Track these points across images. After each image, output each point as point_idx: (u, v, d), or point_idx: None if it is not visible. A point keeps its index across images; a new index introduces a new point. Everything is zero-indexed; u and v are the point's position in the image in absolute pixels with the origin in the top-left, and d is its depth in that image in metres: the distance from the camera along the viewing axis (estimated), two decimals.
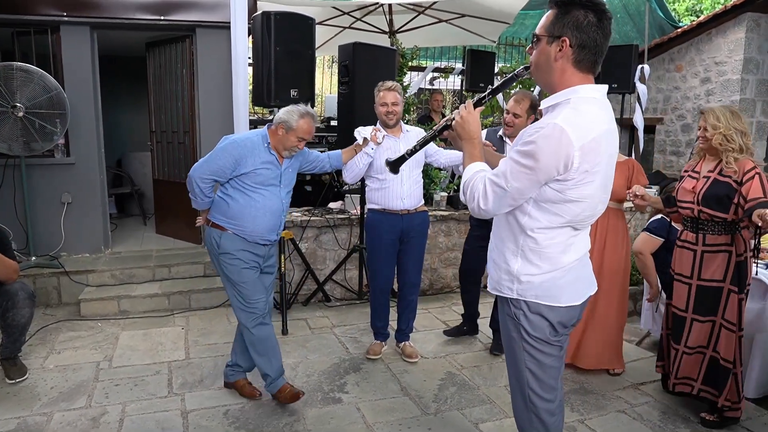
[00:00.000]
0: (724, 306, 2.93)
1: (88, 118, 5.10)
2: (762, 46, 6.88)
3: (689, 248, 3.01)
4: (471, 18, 6.99)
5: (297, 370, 3.59)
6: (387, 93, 3.51)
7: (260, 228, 3.00)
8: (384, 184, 3.54)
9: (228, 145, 2.97)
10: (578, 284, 1.84)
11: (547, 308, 1.79)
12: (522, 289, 1.80)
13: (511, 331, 1.89)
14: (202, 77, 5.30)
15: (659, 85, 7.88)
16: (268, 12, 4.06)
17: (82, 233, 5.19)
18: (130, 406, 3.09)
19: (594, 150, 1.64)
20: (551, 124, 1.61)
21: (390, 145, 3.53)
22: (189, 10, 5.20)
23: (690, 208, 2.96)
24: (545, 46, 1.70)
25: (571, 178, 1.64)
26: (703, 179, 2.93)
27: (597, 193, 1.74)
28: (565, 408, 3.13)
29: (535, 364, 1.86)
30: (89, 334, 4.10)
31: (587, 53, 1.66)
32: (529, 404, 1.89)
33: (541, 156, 1.61)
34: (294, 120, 2.99)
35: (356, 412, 3.08)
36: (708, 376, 3.02)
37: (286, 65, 4.11)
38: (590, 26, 1.63)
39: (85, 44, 5.01)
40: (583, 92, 1.68)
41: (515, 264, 1.80)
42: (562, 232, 1.76)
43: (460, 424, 3.00)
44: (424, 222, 3.71)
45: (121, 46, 6.58)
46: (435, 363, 3.75)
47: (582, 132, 1.61)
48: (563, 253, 1.78)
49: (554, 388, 1.89)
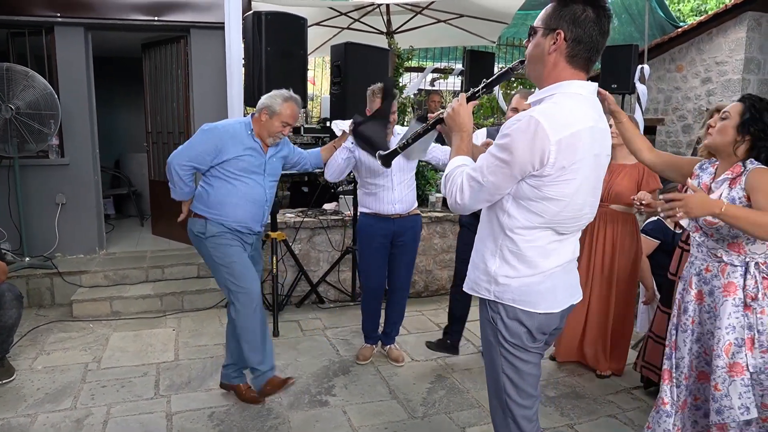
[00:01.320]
0: None
1: (82, 118, 5.10)
2: (763, 45, 6.81)
3: None
4: (469, 18, 6.95)
5: (286, 372, 3.55)
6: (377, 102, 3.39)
7: (242, 216, 2.97)
8: (375, 189, 3.47)
9: (208, 131, 2.93)
10: (558, 292, 1.78)
11: (525, 314, 1.74)
12: (499, 291, 1.75)
13: (489, 336, 1.84)
14: (197, 78, 5.29)
15: (660, 86, 7.82)
16: (259, 12, 4.03)
17: (77, 234, 5.18)
18: (115, 408, 3.07)
19: (572, 146, 1.58)
20: (527, 117, 1.58)
21: None
22: (183, 11, 5.19)
23: None
24: (540, 39, 1.67)
25: (548, 174, 1.59)
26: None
27: (579, 195, 1.67)
28: (554, 412, 3.11)
29: (513, 370, 1.81)
30: (80, 335, 4.09)
31: (582, 49, 1.63)
32: (507, 410, 1.85)
33: (515, 149, 1.58)
34: (277, 104, 2.96)
35: (342, 416, 3.05)
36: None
37: (278, 65, 4.08)
38: (587, 21, 1.60)
39: (79, 45, 5.01)
40: (569, 88, 1.65)
41: (493, 264, 1.76)
42: (542, 235, 1.70)
43: (447, 428, 2.96)
44: (416, 225, 3.65)
45: (118, 47, 6.59)
46: (425, 366, 3.71)
47: (559, 126, 1.56)
48: (543, 258, 1.72)
49: (532, 395, 1.85)
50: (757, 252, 2.19)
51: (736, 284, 2.19)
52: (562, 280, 1.79)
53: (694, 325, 2.36)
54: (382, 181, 3.46)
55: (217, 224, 2.94)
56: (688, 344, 2.38)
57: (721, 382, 2.18)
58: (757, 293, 2.15)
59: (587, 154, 1.64)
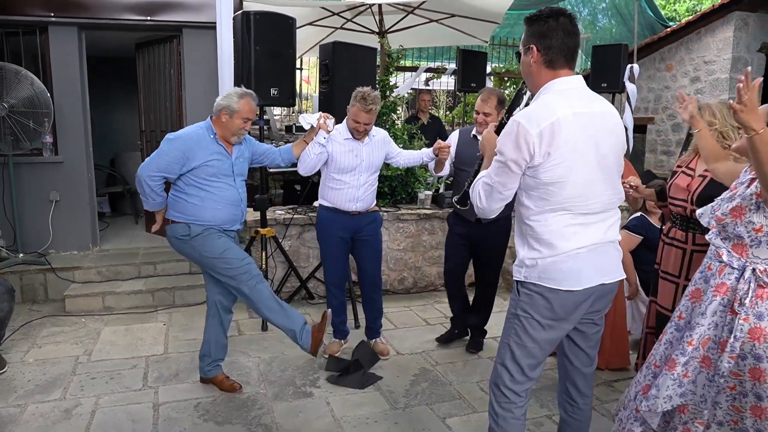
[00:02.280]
0: None
1: (76, 117, 5.17)
2: (750, 45, 6.88)
3: (678, 246, 2.93)
4: (461, 18, 7.01)
5: (272, 365, 3.63)
6: (362, 114, 3.40)
7: (222, 218, 3.05)
8: (340, 185, 3.52)
9: (174, 140, 2.97)
10: (583, 271, 1.93)
11: (548, 290, 1.93)
12: (527, 272, 1.98)
13: (511, 307, 2.07)
14: (189, 77, 5.37)
15: (650, 85, 7.89)
16: (247, 11, 4.10)
17: (70, 231, 5.26)
18: (104, 399, 3.14)
19: (554, 132, 1.81)
20: (511, 121, 1.89)
21: (353, 147, 3.52)
22: (175, 11, 5.26)
23: (683, 207, 2.87)
24: (524, 58, 1.99)
25: (538, 162, 1.84)
26: (699, 178, 2.82)
27: (577, 175, 1.86)
28: (534, 403, 3.18)
29: (517, 343, 2.01)
30: (72, 330, 4.17)
31: (555, 53, 1.90)
32: (498, 376, 2.07)
33: (505, 150, 1.88)
34: (235, 102, 3.02)
35: (325, 406, 3.12)
36: None
37: (267, 64, 4.15)
38: (551, 30, 1.89)
39: (72, 44, 5.08)
40: (552, 86, 1.93)
41: (522, 250, 2.01)
42: (555, 218, 1.90)
43: (427, 418, 3.03)
44: (375, 221, 3.71)
45: (112, 47, 6.66)
46: (410, 359, 3.78)
47: (536, 119, 1.82)
48: (561, 240, 1.91)
49: (523, 373, 2.02)
50: (759, 257, 2.11)
51: (728, 286, 2.14)
52: (588, 261, 1.94)
53: (681, 320, 2.36)
54: (348, 179, 3.51)
55: (199, 225, 3.01)
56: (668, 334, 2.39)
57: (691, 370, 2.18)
58: (745, 299, 2.08)
59: (575, 137, 1.85)
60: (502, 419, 2.06)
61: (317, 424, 2.94)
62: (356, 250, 3.70)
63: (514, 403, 2.05)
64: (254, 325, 4.32)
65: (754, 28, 6.85)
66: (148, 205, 3.07)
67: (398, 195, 5.42)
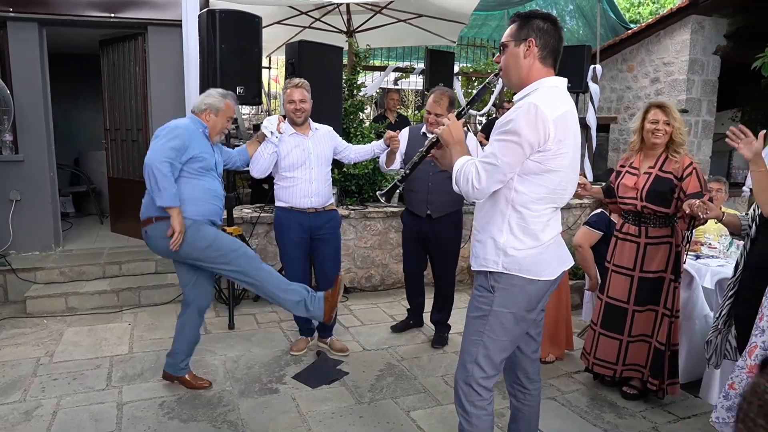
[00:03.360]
0: (665, 295, 3.05)
1: (37, 115, 5.07)
2: (706, 47, 7.12)
3: (632, 240, 3.09)
4: (428, 18, 7.09)
5: (239, 362, 3.64)
6: (294, 90, 3.47)
7: (209, 211, 3.05)
8: (292, 182, 3.52)
9: (174, 128, 2.93)
10: (553, 260, 2.05)
11: (528, 281, 2.00)
12: (507, 262, 1.99)
13: (481, 304, 2.06)
14: (155, 75, 5.31)
15: (612, 85, 8.09)
16: (212, 9, 4.10)
17: (32, 231, 5.15)
18: (65, 400, 3.10)
19: (564, 123, 1.90)
20: (527, 103, 1.88)
21: (298, 142, 3.52)
22: (140, 8, 5.20)
23: (633, 204, 3.04)
24: (514, 49, 1.99)
25: (549, 148, 1.89)
26: (645, 175, 3.00)
27: (571, 168, 1.99)
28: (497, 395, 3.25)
29: (491, 339, 2.03)
30: (33, 331, 4.09)
31: (548, 52, 1.97)
32: (469, 374, 2.07)
33: (522, 130, 1.86)
34: (220, 102, 3.06)
35: (291, 402, 3.14)
36: (654, 367, 3.11)
37: (232, 63, 4.15)
38: (549, 30, 1.96)
39: (33, 41, 4.98)
40: (548, 82, 1.97)
41: (501, 238, 2.00)
42: (545, 208, 1.98)
43: (391, 411, 3.08)
44: (333, 220, 3.71)
45: (75, 44, 6.54)
46: (376, 355, 3.83)
47: (552, 108, 1.87)
48: (543, 230, 2.00)
49: (495, 367, 2.07)
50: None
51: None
52: (555, 250, 2.07)
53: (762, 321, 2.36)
54: (299, 174, 3.51)
55: (187, 219, 2.93)
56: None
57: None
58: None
59: (572, 133, 1.96)
60: (476, 417, 2.07)
61: (283, 419, 2.96)
62: (315, 249, 3.68)
63: (486, 399, 2.08)
64: (221, 323, 4.32)
65: (710, 31, 7.09)
66: (163, 198, 2.80)
67: (365, 194, 5.46)
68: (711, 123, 7.44)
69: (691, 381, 3.50)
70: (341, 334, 4.15)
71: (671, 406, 3.20)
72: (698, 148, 7.44)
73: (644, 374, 3.17)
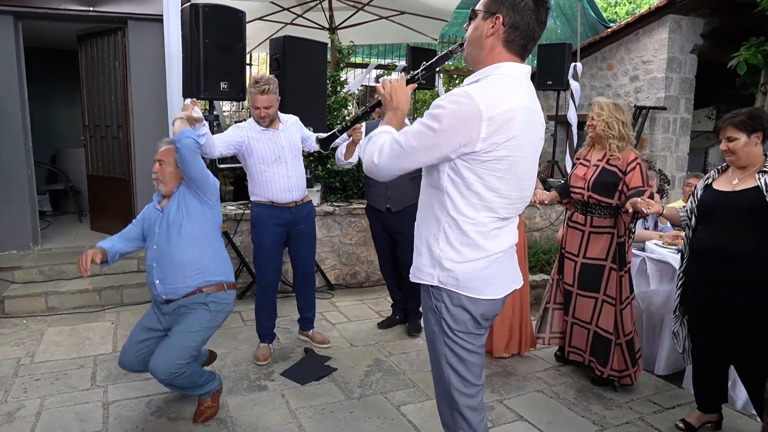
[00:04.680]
0: (606, 283, 3.22)
1: (13, 112, 4.94)
2: (684, 46, 7.25)
3: (578, 228, 3.33)
4: (410, 15, 7.11)
5: (226, 360, 3.60)
6: (257, 97, 3.32)
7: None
8: (269, 177, 3.44)
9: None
10: (500, 277, 1.80)
11: (469, 300, 1.74)
12: (444, 276, 1.74)
13: (433, 325, 1.83)
14: (135, 71, 5.22)
15: (593, 83, 8.20)
16: (196, 4, 4.04)
17: (9, 230, 5.03)
18: (49, 400, 3.04)
19: (507, 123, 1.60)
20: (461, 92, 1.61)
21: (270, 136, 3.46)
22: (120, 2, 5.11)
23: (581, 193, 3.26)
24: (480, 22, 1.69)
25: (480, 149, 1.61)
26: (593, 167, 3.23)
27: (515, 175, 1.69)
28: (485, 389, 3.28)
29: (457, 360, 1.81)
30: (12, 332, 4.00)
31: (518, 35, 1.66)
32: (452, 401, 1.85)
33: (444, 119, 1.59)
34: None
35: (280, 399, 3.12)
36: (594, 350, 3.31)
37: (216, 58, 4.09)
38: (526, 9, 1.64)
39: (8, 34, 4.86)
40: (504, 69, 1.68)
41: (437, 248, 1.74)
42: (483, 217, 1.71)
43: (382, 406, 3.07)
44: (310, 212, 3.71)
45: (52, 38, 6.41)
46: (364, 351, 3.83)
47: (491, 102, 1.58)
48: (486, 241, 1.73)
49: (475, 384, 1.85)
50: None
51: None
52: (504, 265, 1.80)
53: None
54: (276, 169, 3.45)
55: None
56: None
57: None
58: None
59: (523, 134, 1.66)
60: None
61: (272, 416, 2.94)
62: (292, 243, 3.65)
63: (478, 423, 1.86)
64: None
65: (687, 30, 7.22)
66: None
67: (350, 190, 5.46)
68: (689, 120, 7.59)
69: (675, 372, 3.57)
70: (328, 331, 4.14)
71: (656, 397, 3.26)
72: (676, 144, 7.58)
73: (585, 359, 3.38)
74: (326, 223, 5.15)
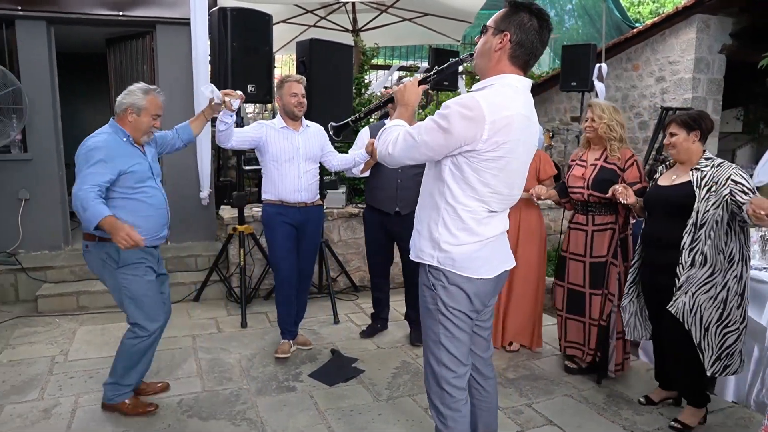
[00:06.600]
0: (608, 279, 3.32)
1: (45, 113, 5.06)
2: (712, 46, 7.13)
3: (581, 229, 3.40)
4: (433, 17, 7.11)
5: (254, 360, 3.64)
6: (294, 84, 3.49)
7: (153, 227, 2.82)
8: (281, 175, 3.49)
9: (89, 150, 2.64)
10: (494, 258, 2.01)
11: (465, 279, 1.95)
12: (442, 257, 1.95)
13: (428, 303, 2.04)
14: (163, 74, 5.31)
15: (617, 84, 8.11)
16: (224, 8, 4.10)
17: (41, 230, 5.14)
18: (84, 398, 3.10)
19: (506, 127, 1.82)
20: (468, 96, 1.83)
21: (288, 135, 3.52)
22: (149, 6, 5.20)
23: (581, 193, 3.35)
24: (490, 36, 1.90)
25: (480, 148, 1.82)
26: (591, 166, 3.33)
27: (508, 174, 1.92)
28: (514, 392, 3.26)
29: (449, 338, 2.00)
30: (46, 330, 4.09)
31: (523, 51, 1.88)
32: (440, 378, 2.04)
33: (453, 119, 1.79)
34: (141, 99, 2.76)
35: (309, 400, 3.14)
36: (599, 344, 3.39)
37: (243, 61, 4.15)
38: (531, 29, 1.86)
39: (41, 39, 4.97)
40: (507, 80, 1.90)
41: (436, 231, 1.96)
42: (477, 206, 1.92)
43: (410, 409, 3.08)
44: (320, 215, 3.77)
45: (81, 42, 6.52)
46: (391, 353, 3.83)
47: (494, 108, 1.80)
48: (479, 227, 1.94)
49: (464, 363, 2.04)
50: None
51: None
52: (496, 248, 2.03)
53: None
54: (288, 169, 3.50)
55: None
56: None
57: None
58: None
59: (519, 138, 1.88)
60: (452, 420, 2.04)
61: (302, 416, 2.96)
62: (297, 244, 3.67)
63: (460, 400, 2.05)
64: (233, 322, 4.32)
65: (715, 30, 7.11)
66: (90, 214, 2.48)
67: None
68: (717, 122, 7.46)
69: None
70: (353, 332, 4.16)
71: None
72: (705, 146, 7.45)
73: (585, 352, 3.47)
74: (351, 225, 5.17)
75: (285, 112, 3.55)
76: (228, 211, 5.14)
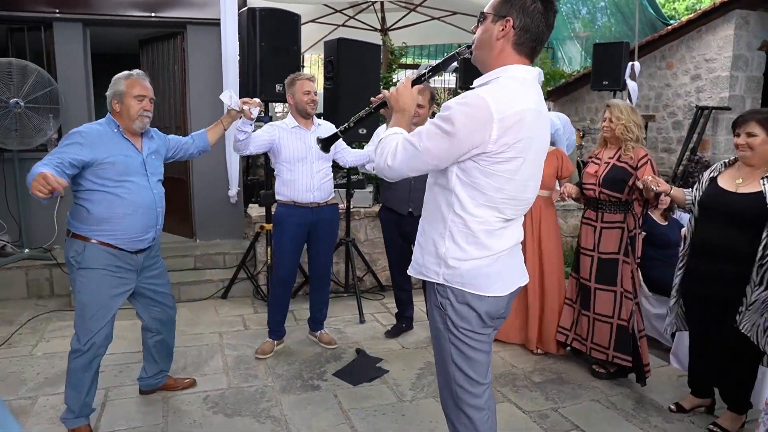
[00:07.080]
0: (621, 276, 3.32)
1: (80, 113, 5.18)
2: (751, 43, 6.91)
3: (591, 224, 3.45)
4: (462, 15, 7.06)
5: (279, 359, 3.66)
6: (306, 82, 3.51)
7: (131, 227, 2.65)
8: (293, 176, 3.50)
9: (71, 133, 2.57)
10: (506, 275, 1.81)
11: (474, 297, 1.75)
12: (449, 274, 1.76)
13: (438, 323, 1.85)
14: (193, 73, 5.38)
15: (651, 83, 7.92)
16: (253, 8, 4.13)
17: None
18: (113, 391, 3.17)
19: (517, 124, 1.62)
20: (472, 94, 1.64)
21: (300, 135, 3.52)
22: (180, 7, 5.28)
23: (593, 189, 3.38)
24: (490, 24, 1.71)
25: (490, 150, 1.63)
26: (605, 164, 3.36)
27: (522, 175, 1.72)
28: (540, 396, 3.22)
29: (462, 358, 1.81)
30: None
31: (528, 38, 1.69)
32: (457, 399, 1.86)
33: (457, 121, 1.60)
34: (120, 85, 2.67)
35: (333, 399, 3.15)
36: (619, 344, 3.34)
37: (272, 60, 4.18)
38: (536, 12, 1.66)
39: (77, 40, 5.09)
40: (513, 72, 1.70)
41: (442, 246, 1.76)
42: (489, 216, 1.72)
43: (434, 410, 3.05)
44: (333, 215, 3.73)
45: (115, 43, 6.67)
46: (416, 353, 3.82)
47: (502, 105, 1.60)
48: (491, 240, 1.74)
49: (481, 383, 1.85)
50: None
51: None
52: (509, 263, 1.82)
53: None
54: (300, 168, 3.50)
55: (101, 250, 2.59)
56: None
57: None
58: None
59: (531, 135, 1.68)
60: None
61: (326, 415, 2.97)
62: (311, 244, 3.69)
63: (480, 421, 1.86)
64: (259, 320, 4.35)
65: (755, 26, 6.88)
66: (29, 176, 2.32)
67: None
68: None
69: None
70: (379, 332, 4.17)
71: (719, 411, 3.11)
72: None
73: (609, 355, 3.38)
74: (377, 225, 5.16)
75: (297, 110, 3.55)
76: (256, 209, 5.19)
